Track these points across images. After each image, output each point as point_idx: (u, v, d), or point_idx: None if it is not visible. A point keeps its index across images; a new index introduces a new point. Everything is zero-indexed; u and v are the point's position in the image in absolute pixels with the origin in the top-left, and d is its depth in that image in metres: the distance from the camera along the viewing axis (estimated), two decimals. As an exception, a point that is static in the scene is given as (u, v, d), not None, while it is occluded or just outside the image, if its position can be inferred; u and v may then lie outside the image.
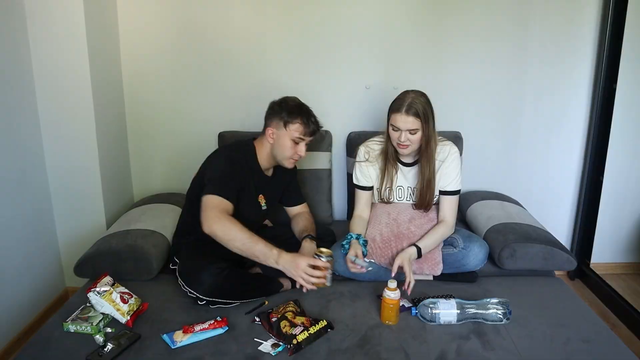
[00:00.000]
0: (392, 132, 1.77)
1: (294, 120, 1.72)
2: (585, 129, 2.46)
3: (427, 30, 2.32)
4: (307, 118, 1.73)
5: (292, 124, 1.72)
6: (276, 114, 1.74)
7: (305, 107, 1.77)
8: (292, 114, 1.72)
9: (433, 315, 1.53)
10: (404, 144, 1.75)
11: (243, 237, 1.55)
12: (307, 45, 2.33)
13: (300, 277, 1.53)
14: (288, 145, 1.73)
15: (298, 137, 1.73)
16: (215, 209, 1.58)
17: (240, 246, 1.55)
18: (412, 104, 1.69)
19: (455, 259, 1.81)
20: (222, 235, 1.55)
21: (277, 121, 1.73)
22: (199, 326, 1.46)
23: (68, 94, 2.03)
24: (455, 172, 1.85)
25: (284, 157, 1.76)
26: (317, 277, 1.53)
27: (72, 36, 1.97)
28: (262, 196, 1.82)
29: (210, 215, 1.56)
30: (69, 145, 2.09)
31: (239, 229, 1.56)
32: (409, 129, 1.71)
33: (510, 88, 2.39)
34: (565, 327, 1.53)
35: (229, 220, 1.56)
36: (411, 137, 1.73)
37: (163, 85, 2.35)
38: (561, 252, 1.87)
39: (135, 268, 1.78)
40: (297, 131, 1.72)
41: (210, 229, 1.55)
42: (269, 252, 1.55)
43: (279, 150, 1.75)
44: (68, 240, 2.21)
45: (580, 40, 2.34)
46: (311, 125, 1.74)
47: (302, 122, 1.72)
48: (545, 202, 2.54)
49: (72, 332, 1.47)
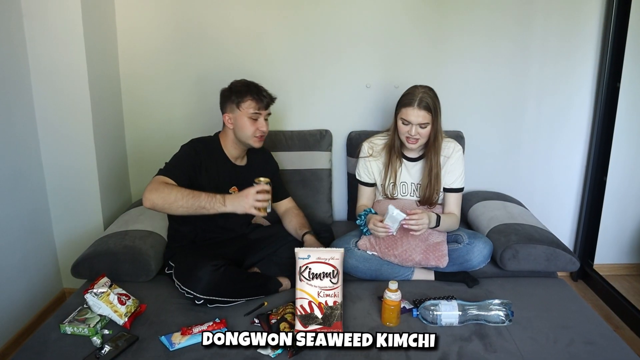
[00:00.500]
0: (401, 126, 1.82)
1: (244, 98, 1.75)
2: (589, 128, 2.45)
3: (428, 29, 2.32)
4: (256, 93, 1.77)
5: (244, 102, 1.75)
6: (227, 99, 1.79)
7: (253, 83, 1.80)
8: (241, 93, 1.76)
9: (434, 317, 1.53)
10: (414, 138, 1.80)
11: (183, 195, 1.57)
12: (307, 44, 2.32)
13: (252, 204, 1.57)
14: (247, 124, 1.76)
15: (253, 112, 1.76)
16: (153, 182, 1.60)
17: (185, 204, 1.56)
18: (423, 98, 1.77)
19: (459, 254, 1.81)
20: (162, 202, 1.56)
21: (230, 105, 1.78)
22: (198, 328, 1.46)
23: (65, 93, 2.03)
24: (459, 170, 1.91)
25: (248, 136, 1.78)
26: (264, 201, 1.60)
27: (69, 34, 1.97)
28: (235, 188, 1.83)
29: (147, 189, 1.58)
30: (66, 144, 2.09)
31: (177, 189, 1.58)
32: (420, 123, 1.78)
33: (512, 87, 2.39)
34: (568, 329, 1.53)
35: (165, 186, 1.59)
36: (421, 131, 1.79)
37: (161, 84, 2.35)
38: (564, 253, 1.87)
39: (133, 269, 1.78)
40: (250, 107, 1.76)
41: (149, 203, 1.56)
42: (214, 199, 1.58)
43: (241, 132, 1.78)
44: (65, 241, 2.21)
45: (583, 38, 2.34)
46: (263, 99, 1.78)
47: (253, 98, 1.76)
48: (547, 202, 2.54)
49: (69, 334, 1.47)
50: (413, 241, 1.80)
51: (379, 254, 1.82)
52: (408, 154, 1.94)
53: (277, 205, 2.02)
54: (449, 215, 1.90)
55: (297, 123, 2.40)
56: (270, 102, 1.80)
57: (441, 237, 1.84)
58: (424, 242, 1.81)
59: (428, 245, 1.80)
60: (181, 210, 1.57)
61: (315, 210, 2.29)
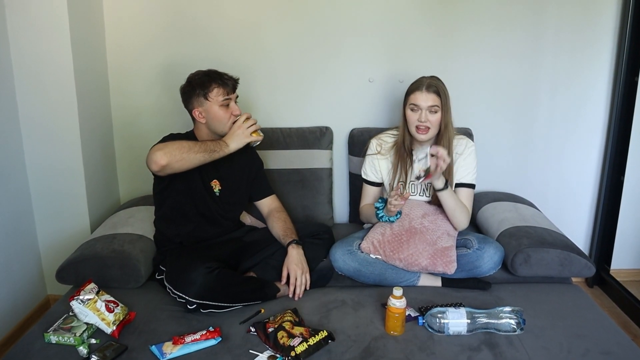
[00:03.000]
0: (410, 114, 1.86)
1: (209, 87, 1.78)
2: (605, 124, 2.45)
3: (434, 19, 2.31)
4: (219, 79, 1.80)
5: (211, 92, 1.78)
6: (191, 94, 1.81)
7: (212, 71, 1.83)
8: (204, 84, 1.79)
9: (441, 325, 1.52)
10: (424, 125, 1.83)
11: (190, 145, 1.68)
12: (306, 36, 2.32)
13: (247, 132, 1.76)
14: (220, 112, 1.80)
15: (224, 99, 1.79)
16: (152, 149, 1.66)
17: (198, 149, 1.68)
18: (431, 82, 1.85)
19: (468, 260, 1.81)
20: (172, 157, 1.64)
21: (196, 99, 1.80)
22: (190, 337, 1.46)
23: (50, 88, 2.03)
24: (472, 165, 1.95)
25: (224, 124, 1.81)
26: (254, 124, 1.79)
27: (54, 25, 1.97)
28: (216, 181, 1.87)
29: (152, 152, 1.64)
30: (51, 143, 2.09)
31: (182, 141, 1.69)
32: (430, 106, 1.82)
33: (524, 81, 2.39)
34: (584, 338, 1.53)
35: (169, 143, 1.67)
36: (431, 118, 1.83)
37: (151, 78, 2.35)
38: (579, 258, 1.87)
39: (122, 274, 1.78)
40: (219, 95, 1.79)
41: (159, 163, 1.62)
42: (218, 142, 1.75)
43: (217, 123, 1.81)
44: (50, 245, 2.21)
45: (599, 29, 2.33)
46: (228, 82, 1.81)
47: (218, 84, 1.79)
48: (561, 203, 2.54)
49: (53, 344, 1.47)
50: (420, 245, 1.80)
51: (383, 258, 1.82)
52: (418, 152, 1.94)
53: (260, 204, 2.03)
54: (460, 201, 1.90)
55: (296, 120, 2.40)
56: (235, 84, 1.84)
57: (450, 242, 1.84)
58: (431, 246, 1.81)
59: (436, 250, 1.80)
60: (197, 158, 1.67)
61: (315, 212, 2.29)
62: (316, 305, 1.70)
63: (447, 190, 1.84)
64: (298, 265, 1.78)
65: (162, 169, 1.63)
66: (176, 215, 1.85)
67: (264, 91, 2.37)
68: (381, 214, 1.85)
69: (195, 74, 1.84)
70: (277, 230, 1.92)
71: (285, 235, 1.88)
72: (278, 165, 2.26)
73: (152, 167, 1.64)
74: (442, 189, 1.83)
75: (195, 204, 1.84)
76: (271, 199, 2.04)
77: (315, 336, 1.45)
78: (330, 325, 1.57)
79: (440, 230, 1.87)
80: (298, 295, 1.75)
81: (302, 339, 1.43)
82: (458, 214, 1.88)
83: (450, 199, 1.86)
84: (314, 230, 1.99)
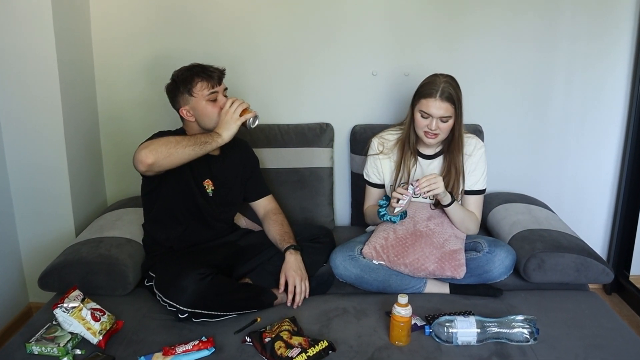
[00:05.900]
0: (420, 119, 1.83)
1: (193, 83, 1.78)
2: (624, 119, 2.45)
3: (441, 8, 2.31)
4: (203, 72, 1.79)
5: (195, 87, 1.78)
6: (176, 93, 1.81)
7: (195, 64, 1.83)
8: (187, 79, 1.78)
9: (449, 335, 1.52)
10: (434, 133, 1.80)
11: (178, 140, 1.65)
12: (304, 27, 2.32)
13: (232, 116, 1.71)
14: (208, 107, 1.79)
15: (210, 93, 1.78)
16: (139, 148, 1.64)
17: (187, 144, 1.65)
18: (445, 88, 1.77)
19: (478, 264, 1.81)
20: (158, 154, 1.61)
21: (182, 96, 1.80)
22: (182, 347, 1.46)
23: (32, 82, 2.03)
24: (482, 169, 1.94)
25: (214, 120, 1.80)
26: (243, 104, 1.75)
27: (37, 17, 1.97)
28: (209, 181, 1.86)
29: (137, 151, 1.62)
30: (33, 140, 2.09)
31: (169, 137, 1.66)
32: (442, 116, 1.78)
33: (536, 72, 2.38)
34: (601, 348, 1.53)
35: (156, 140, 1.65)
36: (442, 126, 1.80)
37: (139, 73, 2.35)
38: (596, 263, 1.87)
39: (109, 281, 1.78)
40: (204, 89, 1.78)
41: (145, 162, 1.60)
42: (210, 134, 1.71)
43: (206, 119, 1.80)
44: (32, 249, 2.21)
45: (619, 13, 2.31)
46: (213, 74, 1.80)
47: (202, 78, 1.78)
48: (578, 205, 2.54)
49: (36, 355, 1.47)
50: (426, 248, 1.80)
51: (387, 263, 1.82)
52: (423, 150, 1.95)
53: (256, 205, 2.04)
54: (468, 211, 1.91)
55: (294, 116, 2.40)
56: (221, 75, 1.83)
57: (458, 244, 1.84)
58: (438, 249, 1.81)
59: (443, 253, 1.80)
60: (187, 152, 1.64)
61: (315, 214, 2.29)
62: (316, 314, 1.70)
63: (453, 205, 1.84)
64: (297, 272, 1.77)
65: (150, 167, 1.62)
66: (166, 217, 1.85)
67: (260, 85, 2.37)
68: (383, 212, 1.85)
69: (178, 70, 1.84)
70: (273, 234, 1.92)
71: (283, 240, 1.87)
72: (275, 164, 2.26)
73: (139, 167, 1.63)
74: (447, 205, 1.83)
75: (186, 206, 1.84)
76: (267, 199, 2.04)
77: (315, 347, 1.45)
78: (331, 335, 1.57)
79: (448, 232, 1.87)
80: (297, 304, 1.75)
81: (301, 349, 1.43)
82: (467, 223, 1.89)
83: (458, 212, 1.86)
84: (313, 233, 1.99)
